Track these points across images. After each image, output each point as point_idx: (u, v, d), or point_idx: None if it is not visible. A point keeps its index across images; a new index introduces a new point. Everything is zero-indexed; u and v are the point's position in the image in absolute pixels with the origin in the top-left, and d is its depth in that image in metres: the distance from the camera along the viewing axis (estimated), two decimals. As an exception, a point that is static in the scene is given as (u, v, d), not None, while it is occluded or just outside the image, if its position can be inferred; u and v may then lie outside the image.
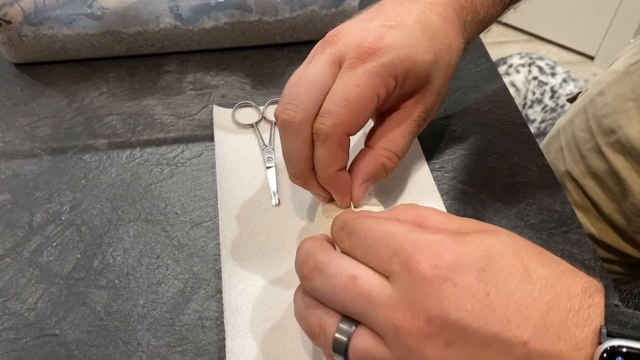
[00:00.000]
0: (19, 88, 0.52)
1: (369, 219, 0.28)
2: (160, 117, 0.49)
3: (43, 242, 0.40)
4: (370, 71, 0.33)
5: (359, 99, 0.33)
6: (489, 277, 0.24)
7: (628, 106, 0.53)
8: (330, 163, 0.34)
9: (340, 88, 0.33)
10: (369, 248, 0.26)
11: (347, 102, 0.32)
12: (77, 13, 0.50)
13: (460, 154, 0.47)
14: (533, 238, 0.41)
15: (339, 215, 0.31)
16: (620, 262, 0.58)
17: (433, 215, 0.28)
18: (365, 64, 0.33)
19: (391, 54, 0.33)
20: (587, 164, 0.57)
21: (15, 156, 0.46)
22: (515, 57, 1.49)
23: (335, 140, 0.33)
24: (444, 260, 0.24)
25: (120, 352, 0.35)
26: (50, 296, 0.37)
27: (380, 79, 0.33)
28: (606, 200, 0.56)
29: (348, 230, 0.28)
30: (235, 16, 0.53)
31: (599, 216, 0.57)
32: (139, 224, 0.41)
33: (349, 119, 0.33)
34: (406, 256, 0.24)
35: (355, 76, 0.33)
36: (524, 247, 0.25)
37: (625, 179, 0.53)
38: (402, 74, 0.34)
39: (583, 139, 0.58)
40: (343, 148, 0.34)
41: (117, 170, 0.45)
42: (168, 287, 0.38)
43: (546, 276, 0.24)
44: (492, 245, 0.24)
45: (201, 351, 0.35)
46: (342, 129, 0.33)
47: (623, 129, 0.53)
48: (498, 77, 0.54)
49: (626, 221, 0.55)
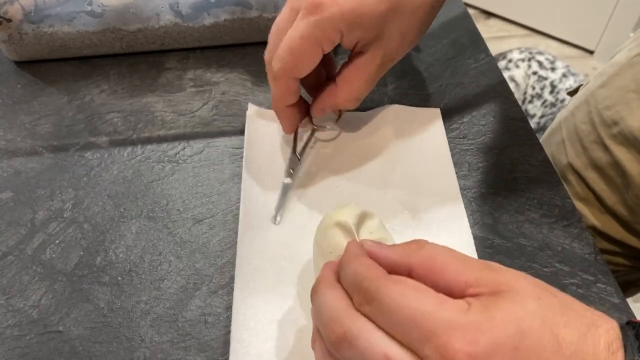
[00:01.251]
0: (20, 86, 0.52)
1: (387, 284, 0.27)
2: (161, 114, 0.49)
3: (46, 240, 0.40)
4: (313, 24, 0.36)
5: (301, 49, 0.37)
6: (523, 355, 0.24)
7: (630, 97, 0.53)
8: (279, 99, 0.41)
9: (289, 36, 0.37)
10: (396, 325, 0.25)
11: (291, 50, 0.37)
12: (77, 10, 0.50)
13: (461, 150, 0.47)
14: (534, 232, 0.41)
15: (348, 263, 0.29)
16: (623, 254, 0.58)
17: (447, 263, 0.27)
18: (310, 17, 0.36)
19: (334, 8, 0.35)
20: (589, 156, 0.57)
21: (17, 154, 0.46)
22: (515, 51, 1.49)
23: (282, 81, 0.39)
24: (480, 346, 0.24)
25: (124, 348, 0.35)
26: (54, 293, 0.38)
27: (322, 33, 0.36)
28: (609, 192, 0.56)
29: (367, 296, 0.27)
30: (235, 13, 0.53)
31: (602, 208, 0.57)
32: (141, 220, 0.42)
33: (293, 66, 0.38)
34: (440, 343, 0.24)
35: (300, 27, 0.36)
36: (550, 309, 0.25)
37: (627, 170, 0.53)
38: (346, 27, 0.36)
39: (585, 131, 0.58)
40: (290, 90, 0.40)
41: (118, 168, 0.45)
42: (171, 284, 0.38)
43: (574, 341, 0.24)
44: (521, 317, 0.24)
45: (204, 347, 0.35)
46: (288, 74, 0.38)
47: (625, 121, 0.53)
48: (498, 72, 0.54)
49: (629, 213, 0.55)
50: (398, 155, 0.45)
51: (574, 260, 0.40)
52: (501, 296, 0.25)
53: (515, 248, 0.40)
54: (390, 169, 0.44)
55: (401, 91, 0.52)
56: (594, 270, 0.39)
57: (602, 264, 0.40)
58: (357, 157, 0.45)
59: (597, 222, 0.57)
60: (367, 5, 0.36)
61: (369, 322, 0.26)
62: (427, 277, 0.27)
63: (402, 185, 0.43)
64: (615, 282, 0.39)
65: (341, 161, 0.45)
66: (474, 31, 0.58)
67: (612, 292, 0.38)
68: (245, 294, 0.36)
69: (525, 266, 0.39)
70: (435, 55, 0.55)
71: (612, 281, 0.38)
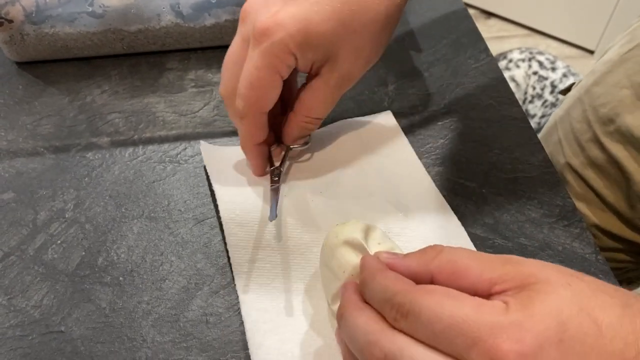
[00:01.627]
0: (21, 87, 0.52)
1: (421, 295, 0.26)
2: (162, 115, 0.50)
3: (47, 240, 0.41)
4: (265, 52, 0.34)
5: (260, 81, 0.35)
6: (568, 346, 0.24)
7: (624, 94, 0.53)
8: (249, 138, 0.39)
9: (245, 70, 0.35)
10: (437, 335, 0.25)
11: (251, 84, 0.35)
12: (78, 11, 0.50)
13: (461, 149, 0.47)
14: (534, 232, 0.41)
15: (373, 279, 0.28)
16: (626, 250, 0.58)
17: (469, 264, 0.27)
18: (260, 45, 0.34)
19: (281, 32, 0.34)
20: (586, 154, 0.57)
21: (18, 155, 0.46)
22: (515, 51, 1.49)
23: (251, 118, 0.37)
24: (527, 344, 0.23)
25: (126, 348, 0.35)
26: (56, 293, 0.38)
27: (276, 58, 0.34)
28: (608, 190, 0.56)
29: (402, 310, 0.26)
30: (236, 13, 0.53)
31: (603, 206, 0.57)
32: (142, 221, 0.42)
33: (258, 100, 0.36)
34: (488, 347, 0.24)
35: (253, 58, 0.35)
36: (583, 294, 0.25)
37: (625, 167, 0.53)
38: (297, 49, 0.34)
39: (581, 130, 0.58)
40: (258, 125, 0.38)
41: (120, 168, 0.45)
42: (172, 284, 0.38)
43: (613, 322, 0.24)
44: (559, 308, 0.24)
45: (206, 347, 0.35)
46: (255, 109, 0.37)
47: (621, 117, 0.53)
48: (498, 72, 0.54)
49: (630, 208, 0.55)
50: (369, 161, 0.45)
51: (574, 260, 0.40)
52: (534, 290, 0.25)
53: (516, 248, 0.40)
54: (366, 175, 0.44)
55: (401, 91, 0.52)
56: (595, 270, 0.39)
57: (603, 263, 0.40)
58: (332, 170, 0.44)
59: (599, 220, 0.58)
60: (315, 25, 0.34)
61: (408, 338, 0.26)
62: (450, 282, 0.27)
63: (383, 188, 0.43)
64: (616, 281, 0.39)
65: (318, 175, 0.44)
66: (474, 31, 0.58)
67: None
68: (250, 297, 0.36)
69: (526, 266, 0.39)
70: (436, 55, 0.55)
71: (613, 281, 0.39)
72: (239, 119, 0.38)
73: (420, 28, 0.58)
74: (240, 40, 0.37)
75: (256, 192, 0.42)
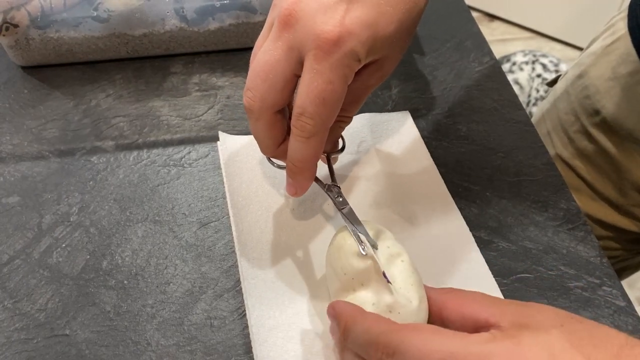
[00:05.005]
0: (27, 91, 0.52)
1: (407, 333, 0.26)
2: (167, 119, 0.50)
3: (52, 244, 0.41)
4: (337, 64, 0.31)
5: (334, 95, 0.32)
6: None
7: (609, 85, 0.53)
8: (311, 159, 0.35)
9: (312, 86, 0.31)
10: None
11: (324, 100, 0.32)
12: (83, 16, 0.51)
13: (465, 153, 0.47)
14: (539, 235, 0.41)
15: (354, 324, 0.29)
16: (618, 239, 0.59)
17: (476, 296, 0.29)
18: (329, 57, 0.31)
19: (353, 41, 0.31)
20: (575, 145, 0.58)
21: (23, 158, 0.46)
22: (519, 54, 1.49)
23: (319, 136, 0.33)
24: None
25: (130, 351, 0.35)
26: (60, 297, 0.38)
27: (348, 69, 0.32)
28: (599, 179, 0.57)
29: (386, 350, 0.26)
30: (240, 17, 0.53)
31: (594, 195, 0.58)
32: (147, 224, 0.42)
33: (330, 116, 0.33)
34: None
35: (324, 73, 0.31)
36: (575, 334, 0.25)
37: (614, 156, 0.54)
38: (366, 55, 0.32)
39: (568, 122, 0.59)
40: (324, 142, 0.34)
41: (124, 172, 0.45)
42: (177, 287, 0.38)
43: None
44: (549, 342, 0.24)
45: (210, 350, 0.35)
46: (324, 127, 0.33)
47: (607, 109, 0.53)
48: (502, 75, 0.54)
49: (622, 196, 0.55)
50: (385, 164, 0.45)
51: (579, 263, 0.40)
52: (524, 325, 0.26)
53: (521, 251, 0.40)
54: (380, 180, 0.44)
55: (405, 94, 0.52)
56: (600, 273, 0.39)
57: (608, 266, 0.39)
58: (347, 173, 0.44)
59: (590, 210, 0.58)
60: (382, 28, 0.32)
61: None
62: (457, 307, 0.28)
63: (394, 195, 0.43)
64: (620, 284, 0.39)
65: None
66: (478, 34, 0.58)
67: (618, 295, 0.38)
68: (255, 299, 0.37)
69: (530, 269, 0.39)
70: (439, 58, 0.55)
71: (617, 284, 0.38)
72: (305, 139, 0.33)
73: (424, 31, 0.58)
74: (286, 48, 0.32)
75: (269, 187, 0.43)
